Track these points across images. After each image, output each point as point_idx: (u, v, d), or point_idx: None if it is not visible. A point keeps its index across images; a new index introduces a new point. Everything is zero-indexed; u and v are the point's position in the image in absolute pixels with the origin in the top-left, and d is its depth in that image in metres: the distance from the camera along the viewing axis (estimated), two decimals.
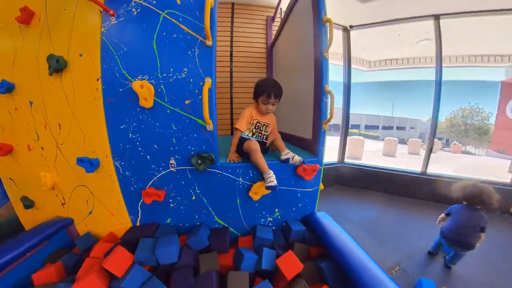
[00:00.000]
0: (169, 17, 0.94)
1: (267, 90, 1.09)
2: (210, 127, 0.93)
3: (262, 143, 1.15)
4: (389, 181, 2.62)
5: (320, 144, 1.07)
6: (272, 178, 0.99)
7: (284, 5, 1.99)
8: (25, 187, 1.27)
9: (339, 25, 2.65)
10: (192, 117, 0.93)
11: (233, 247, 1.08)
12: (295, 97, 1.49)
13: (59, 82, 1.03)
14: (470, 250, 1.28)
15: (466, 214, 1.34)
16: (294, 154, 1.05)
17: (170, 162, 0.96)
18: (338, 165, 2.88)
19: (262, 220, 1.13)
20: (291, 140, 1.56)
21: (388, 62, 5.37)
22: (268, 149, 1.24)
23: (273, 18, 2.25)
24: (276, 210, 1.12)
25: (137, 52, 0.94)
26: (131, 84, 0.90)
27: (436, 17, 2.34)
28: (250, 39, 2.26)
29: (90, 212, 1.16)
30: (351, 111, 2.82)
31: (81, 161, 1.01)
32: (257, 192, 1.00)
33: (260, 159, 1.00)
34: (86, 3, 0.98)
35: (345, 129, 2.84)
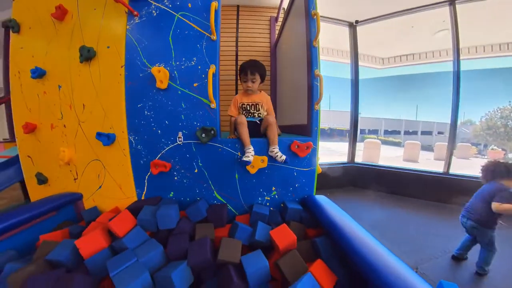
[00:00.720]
0: (182, 18, 1.38)
1: (242, 67, 1.41)
2: (213, 105, 1.32)
3: (255, 124, 1.42)
4: (405, 182, 2.78)
5: (314, 124, 1.40)
6: (248, 154, 1.26)
7: (286, 5, 2.42)
8: (41, 164, 1.68)
9: (344, 21, 3.05)
10: (199, 97, 1.33)
11: (230, 224, 1.37)
12: (296, 90, 1.88)
13: (88, 69, 1.47)
14: (489, 228, 1.44)
15: (480, 189, 1.58)
16: (279, 153, 1.30)
17: (178, 136, 1.34)
18: (347, 165, 3.12)
19: (259, 198, 1.45)
20: (291, 130, 1.91)
21: (404, 58, 5.63)
22: (262, 131, 1.43)
23: (276, 18, 2.74)
24: (273, 188, 1.44)
25: (155, 45, 1.37)
26: (150, 70, 1.32)
27: (451, 3, 2.52)
28: (254, 39, 2.76)
29: (100, 187, 1.53)
30: (367, 115, 3.14)
31: (99, 135, 1.41)
32: (254, 165, 1.34)
33: (243, 133, 1.29)
34: (113, 5, 1.45)
35: (354, 129, 3.13)
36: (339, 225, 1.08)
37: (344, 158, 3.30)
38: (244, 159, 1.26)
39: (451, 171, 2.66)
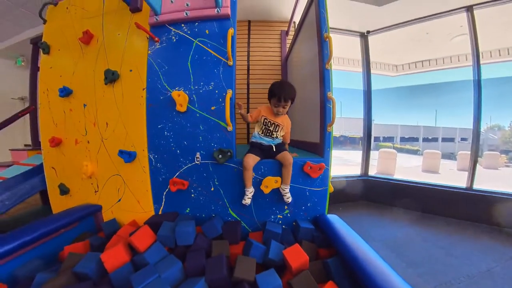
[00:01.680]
0: (200, 44, 1.46)
1: (277, 93, 1.33)
2: (230, 128, 1.37)
3: (270, 148, 1.41)
4: (424, 197, 2.58)
5: (326, 145, 1.43)
6: (246, 197, 1.35)
7: (297, 19, 2.46)
8: (64, 176, 1.77)
9: (356, 31, 3.03)
10: (216, 120, 1.39)
11: (243, 241, 1.41)
12: (306, 105, 1.92)
13: (111, 90, 1.56)
14: None
15: None
16: (288, 193, 1.36)
17: (196, 156, 1.40)
18: (360, 178, 2.99)
19: (272, 216, 1.48)
20: (302, 145, 1.94)
21: (419, 64, 5.33)
22: (276, 152, 1.42)
23: (287, 32, 2.81)
24: (286, 207, 1.47)
25: (175, 69, 1.45)
26: (170, 93, 1.40)
27: (469, 9, 2.41)
28: (265, 52, 2.84)
29: (119, 200, 1.60)
30: (382, 122, 3.03)
31: (121, 153, 1.48)
32: (268, 185, 1.38)
33: (247, 176, 1.33)
34: (136, 31, 1.54)
35: (368, 139, 3.03)
36: (351, 247, 1.09)
37: (357, 169, 3.15)
38: (243, 202, 1.35)
39: (477, 185, 2.42)
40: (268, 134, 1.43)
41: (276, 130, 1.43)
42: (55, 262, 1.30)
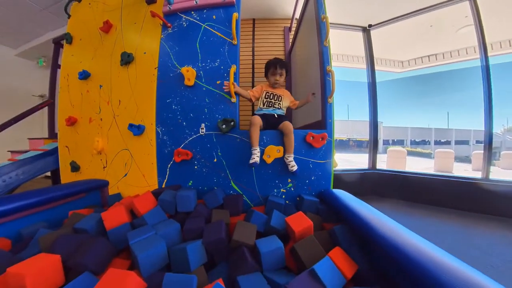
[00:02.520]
0: (208, 27, 1.56)
1: (273, 63, 1.54)
2: (234, 99, 1.42)
3: (272, 117, 1.47)
4: (435, 190, 2.46)
5: (328, 117, 1.44)
6: (254, 156, 1.29)
7: (298, 16, 2.51)
8: (76, 153, 1.83)
9: (357, 26, 3.03)
10: (221, 93, 1.45)
11: (244, 214, 1.38)
12: (309, 89, 1.93)
13: (126, 71, 1.67)
14: None
15: None
16: (292, 161, 1.34)
17: (201, 127, 1.44)
18: (368, 172, 2.89)
19: (275, 190, 1.46)
20: (307, 128, 1.92)
21: (425, 59, 5.06)
22: (279, 121, 1.43)
23: (289, 28, 2.94)
24: (289, 180, 1.45)
25: (185, 50, 1.54)
26: (179, 70, 1.48)
27: None
28: (269, 48, 2.96)
29: (125, 174, 1.63)
30: (391, 125, 2.90)
31: (131, 126, 1.54)
32: (270, 155, 1.38)
33: (254, 134, 1.32)
34: (150, 20, 1.67)
35: (375, 134, 2.93)
36: (361, 213, 0.99)
37: (365, 167, 3.07)
38: (250, 161, 1.31)
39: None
40: (270, 105, 1.52)
41: (279, 100, 1.53)
42: (59, 227, 1.32)
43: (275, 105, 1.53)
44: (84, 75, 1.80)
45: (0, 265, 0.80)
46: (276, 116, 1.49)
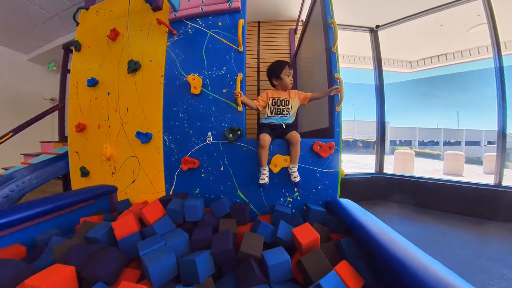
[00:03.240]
0: (213, 34, 1.56)
1: (285, 63, 1.46)
2: (240, 108, 1.42)
3: (280, 127, 1.41)
4: (445, 196, 2.39)
5: (335, 125, 1.42)
6: (264, 176, 1.32)
7: (304, 17, 2.47)
8: (86, 159, 1.88)
9: (364, 27, 2.97)
10: (228, 101, 1.45)
11: (251, 223, 1.38)
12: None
13: (133, 79, 1.69)
14: None
15: None
16: (296, 172, 1.33)
17: (208, 136, 1.45)
18: (375, 176, 2.85)
19: (281, 199, 1.45)
20: (313, 135, 1.92)
21: (435, 59, 4.86)
22: (287, 131, 1.39)
23: (295, 30, 2.91)
24: (296, 189, 1.44)
25: (191, 57, 1.55)
26: (186, 78, 1.49)
27: None
28: (275, 51, 2.93)
29: (133, 181, 1.66)
30: (398, 125, 2.80)
31: (138, 134, 1.57)
32: (277, 164, 1.38)
33: (263, 155, 1.31)
34: (156, 27, 1.68)
35: (382, 135, 2.88)
36: (367, 225, 0.99)
37: (371, 171, 3.03)
38: (260, 181, 1.33)
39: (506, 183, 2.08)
40: (278, 112, 1.45)
41: (287, 105, 1.46)
42: (71, 233, 1.36)
43: (283, 112, 1.45)
44: (93, 83, 1.83)
45: (17, 275, 0.83)
46: (284, 126, 1.44)
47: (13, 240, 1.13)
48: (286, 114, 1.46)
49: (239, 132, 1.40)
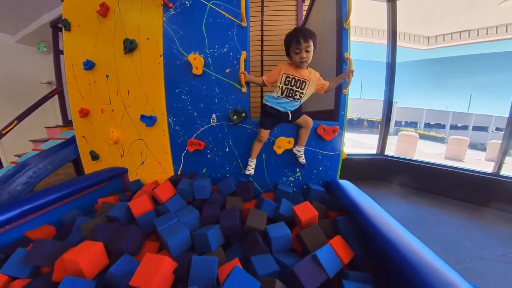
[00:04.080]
0: (213, 7, 1.44)
1: (294, 35, 1.11)
2: (244, 89, 1.39)
3: (286, 115, 1.26)
4: (443, 180, 2.43)
5: (341, 109, 1.40)
6: (250, 168, 1.35)
7: None
8: (94, 143, 1.91)
9: None
10: (231, 82, 1.41)
11: (255, 199, 1.47)
12: (323, 72, 1.82)
13: (131, 59, 1.61)
14: None
15: None
16: (303, 155, 1.34)
17: (212, 118, 1.45)
18: (375, 157, 2.85)
19: (284, 178, 1.52)
20: (317, 116, 1.89)
21: (456, 36, 4.26)
22: (292, 120, 1.29)
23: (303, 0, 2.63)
24: (298, 170, 1.49)
25: (190, 34, 1.45)
26: (186, 58, 1.42)
27: None
28: (280, 22, 2.67)
29: (142, 162, 1.71)
30: (405, 105, 2.63)
31: (143, 117, 1.56)
32: (280, 146, 1.40)
33: (255, 147, 1.34)
34: None
35: (387, 116, 2.78)
36: (362, 206, 1.08)
37: (373, 152, 2.99)
38: (246, 172, 1.36)
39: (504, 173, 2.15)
40: (290, 95, 1.22)
41: (302, 88, 1.21)
42: (91, 213, 1.47)
43: (295, 96, 1.21)
44: (89, 65, 1.76)
45: (54, 252, 0.93)
46: (290, 113, 1.28)
47: (41, 222, 1.24)
48: (297, 99, 1.24)
49: (243, 114, 1.39)
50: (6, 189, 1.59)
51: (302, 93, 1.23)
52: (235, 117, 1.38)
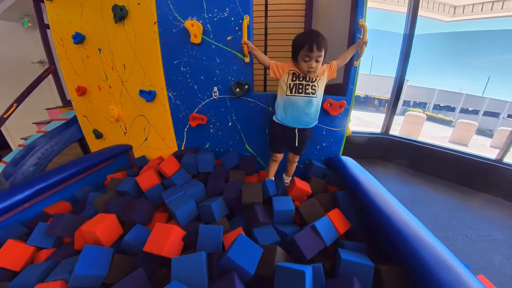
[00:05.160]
0: None
1: (307, 40, 0.95)
2: (247, 59, 1.28)
3: (292, 135, 1.14)
4: (446, 163, 2.37)
5: (350, 82, 1.30)
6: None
7: None
8: (96, 122, 1.86)
9: None
10: (233, 51, 1.29)
11: (257, 173, 1.48)
12: (332, 43, 1.65)
13: (122, 29, 1.47)
14: None
15: None
16: (288, 181, 1.31)
17: (214, 91, 1.37)
18: (379, 136, 2.75)
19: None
20: (324, 90, 1.78)
21: (487, 5, 3.56)
22: (303, 136, 1.15)
23: None
24: None
25: None
26: (183, 25, 1.28)
27: None
28: None
29: (146, 139, 1.68)
30: (416, 84, 2.38)
31: (142, 93, 1.48)
32: None
33: (271, 168, 1.28)
34: None
35: (397, 94, 2.59)
36: (362, 181, 1.10)
37: (377, 131, 2.88)
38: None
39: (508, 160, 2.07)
40: (301, 91, 1.05)
41: (312, 82, 1.05)
42: (101, 188, 1.50)
43: (306, 91, 1.05)
44: (79, 38, 1.61)
45: (72, 224, 0.97)
46: (296, 140, 1.15)
47: (56, 199, 1.28)
48: (312, 93, 1.07)
49: (246, 87, 1.30)
50: (19, 170, 1.61)
51: (314, 86, 1.06)
52: (237, 89, 1.30)
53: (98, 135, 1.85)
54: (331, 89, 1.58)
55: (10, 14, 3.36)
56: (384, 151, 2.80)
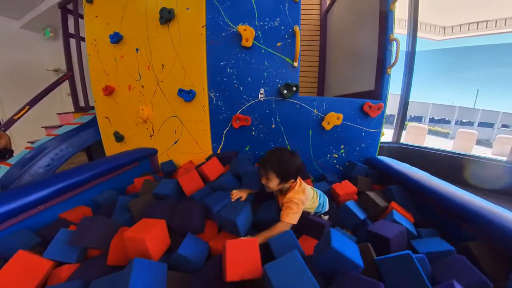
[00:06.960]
0: None
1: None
2: (296, 64, 1.20)
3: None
4: (457, 168, 2.21)
5: (384, 88, 1.28)
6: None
7: None
8: (118, 124, 1.61)
9: None
10: (282, 56, 1.21)
11: None
12: (356, 57, 1.66)
13: (167, 30, 1.36)
14: None
15: None
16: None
17: (260, 92, 1.25)
18: (392, 145, 2.75)
19: (328, 155, 1.36)
20: (356, 97, 1.70)
21: (473, 26, 3.76)
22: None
23: None
24: (342, 146, 1.35)
25: (238, 5, 1.23)
26: (234, 29, 1.21)
27: None
28: (302, 8, 2.35)
29: (176, 142, 1.46)
30: (410, 99, 2.35)
31: (181, 92, 1.32)
32: (329, 122, 1.25)
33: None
34: None
35: (404, 111, 2.55)
36: (412, 175, 1.05)
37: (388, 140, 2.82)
38: None
39: None
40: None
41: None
42: (124, 193, 1.21)
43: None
44: (117, 38, 1.47)
45: (106, 231, 0.69)
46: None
47: (73, 204, 0.97)
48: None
49: (294, 89, 1.21)
50: (28, 171, 1.29)
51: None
52: (285, 91, 1.20)
53: (119, 137, 1.59)
54: (363, 96, 1.54)
55: (34, 25, 3.18)
56: (397, 157, 2.72)
